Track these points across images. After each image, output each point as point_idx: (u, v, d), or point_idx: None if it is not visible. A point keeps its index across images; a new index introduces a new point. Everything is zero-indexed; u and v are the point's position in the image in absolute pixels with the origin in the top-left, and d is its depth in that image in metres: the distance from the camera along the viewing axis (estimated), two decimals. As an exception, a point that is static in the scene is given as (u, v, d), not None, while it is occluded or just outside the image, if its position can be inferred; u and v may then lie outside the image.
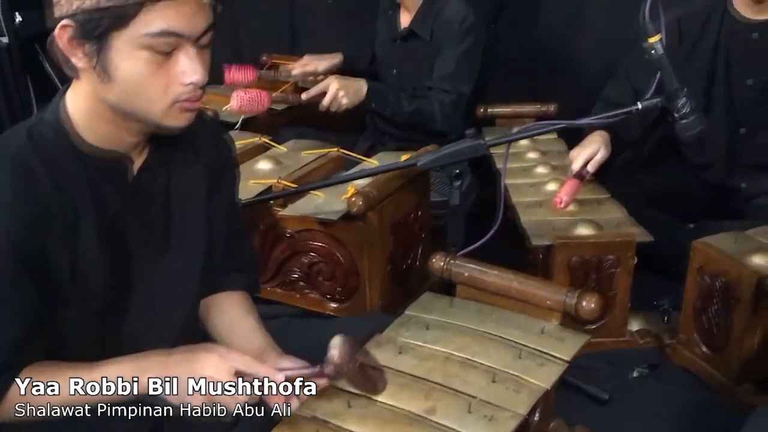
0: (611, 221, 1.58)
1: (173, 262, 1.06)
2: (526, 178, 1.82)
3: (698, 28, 1.78)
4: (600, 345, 1.52)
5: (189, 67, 0.90)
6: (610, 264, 1.49)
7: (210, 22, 0.91)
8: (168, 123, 0.93)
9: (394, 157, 1.74)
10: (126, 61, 0.88)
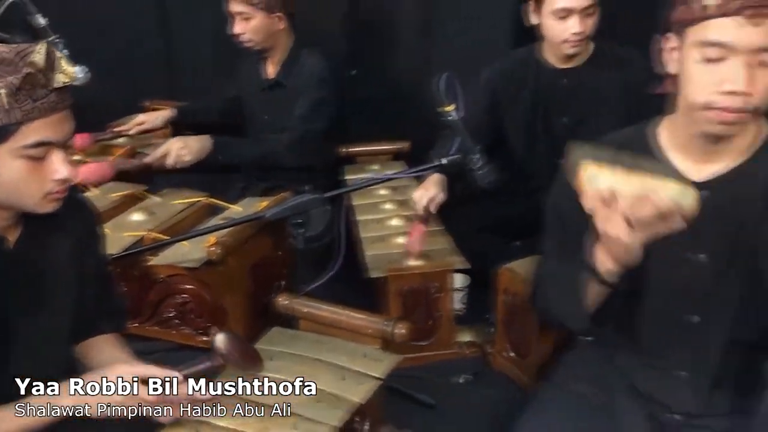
0: (439, 252, 1.87)
1: (48, 319, 1.27)
2: (375, 214, 2.10)
3: (518, 76, 2.11)
4: (432, 357, 1.81)
5: (60, 167, 1.12)
6: (435, 290, 1.78)
7: (74, 126, 1.13)
8: (40, 209, 1.15)
9: (257, 203, 1.98)
10: (5, 168, 1.09)
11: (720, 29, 1.13)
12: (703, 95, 1.17)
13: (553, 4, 1.93)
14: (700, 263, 1.29)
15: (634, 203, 1.07)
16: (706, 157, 1.26)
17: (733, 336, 1.31)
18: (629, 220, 1.08)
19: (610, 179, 1.08)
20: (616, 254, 1.14)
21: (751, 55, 1.12)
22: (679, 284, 1.31)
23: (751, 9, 1.10)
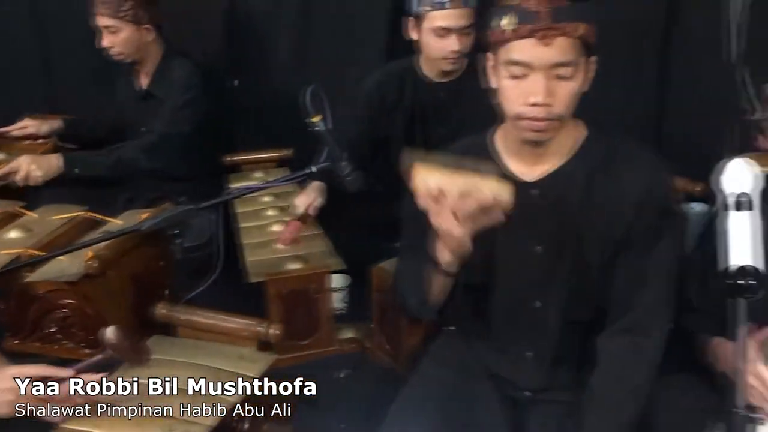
0: (316, 255, 1.97)
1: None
2: (257, 221, 2.17)
3: (397, 86, 2.23)
4: (314, 355, 1.91)
5: None
6: (313, 291, 1.87)
7: None
8: None
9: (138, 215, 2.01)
10: None
11: (519, 50, 1.29)
12: (515, 107, 1.32)
13: (432, 22, 2.05)
14: (537, 254, 1.44)
15: (459, 199, 1.21)
16: (533, 159, 1.41)
17: (570, 317, 1.47)
18: (456, 215, 1.21)
19: (438, 179, 1.21)
20: (450, 246, 1.27)
21: (548, 70, 1.28)
22: (521, 273, 1.46)
23: (541, 32, 1.26)
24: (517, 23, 1.27)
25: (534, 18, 1.26)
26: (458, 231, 1.23)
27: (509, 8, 1.29)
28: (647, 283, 1.40)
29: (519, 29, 1.27)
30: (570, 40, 1.27)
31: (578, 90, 1.33)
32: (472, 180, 1.21)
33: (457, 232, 1.23)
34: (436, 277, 1.35)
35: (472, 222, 1.23)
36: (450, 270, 1.32)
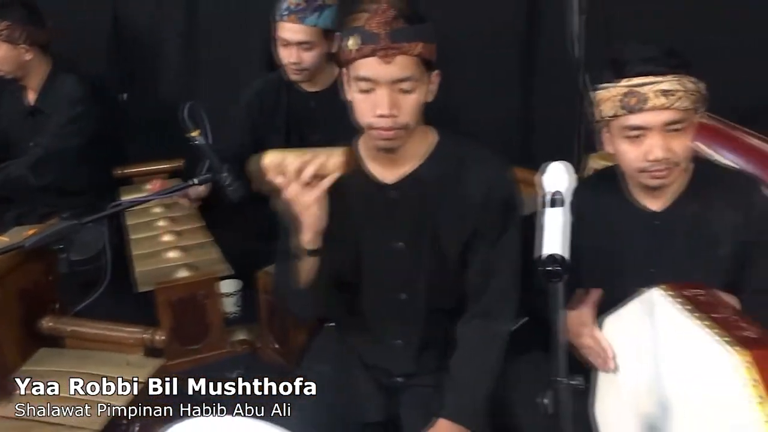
0: (205, 262, 2.05)
1: None
2: (147, 232, 2.23)
3: (274, 96, 2.34)
4: (207, 358, 1.99)
5: None
6: (202, 297, 1.96)
7: None
8: None
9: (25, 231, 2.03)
10: None
11: (364, 67, 1.43)
12: (365, 118, 1.47)
13: (278, 32, 2.20)
14: (399, 250, 1.59)
15: (299, 167, 1.39)
16: (390, 163, 1.56)
17: (433, 307, 1.62)
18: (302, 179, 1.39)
19: (283, 157, 1.41)
20: (305, 220, 1.41)
21: (391, 85, 1.43)
22: (387, 269, 1.61)
23: (382, 51, 1.40)
24: (360, 44, 1.41)
25: (375, 39, 1.40)
26: (306, 197, 1.39)
27: (354, 30, 1.43)
28: (496, 273, 1.56)
29: (362, 49, 1.41)
30: (409, 57, 1.42)
31: (422, 101, 1.47)
32: (308, 153, 1.42)
33: (304, 197, 1.39)
34: (303, 261, 1.48)
35: (314, 188, 1.39)
36: (312, 247, 1.45)
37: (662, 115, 1.44)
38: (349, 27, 1.44)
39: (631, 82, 1.44)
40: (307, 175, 1.39)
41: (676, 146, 1.46)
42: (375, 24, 1.40)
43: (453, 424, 1.50)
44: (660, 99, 1.42)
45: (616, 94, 1.47)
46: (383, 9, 1.42)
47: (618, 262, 1.58)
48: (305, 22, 2.14)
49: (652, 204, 1.58)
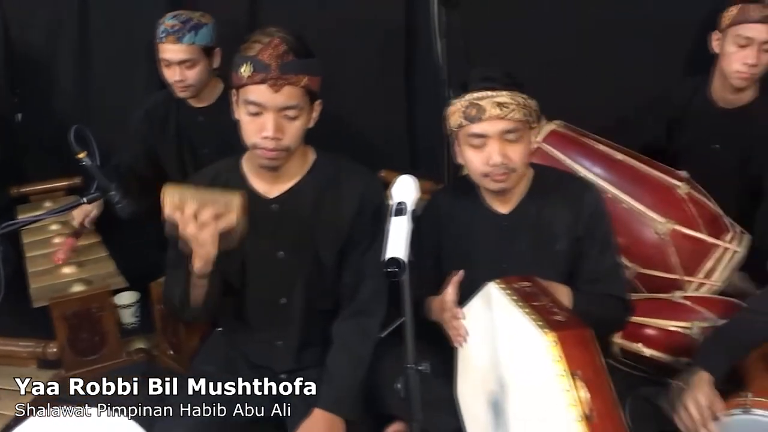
0: (101, 276, 2.15)
1: None
2: (44, 249, 2.30)
3: (163, 114, 2.44)
4: (104, 368, 2.08)
5: None
6: (97, 310, 2.05)
7: None
8: None
9: None
10: None
11: (255, 93, 1.58)
12: (251, 138, 1.62)
13: (160, 53, 2.30)
14: (279, 259, 1.74)
15: (199, 208, 1.49)
16: (272, 180, 1.71)
17: (312, 309, 1.78)
18: (199, 223, 1.50)
19: (181, 195, 1.51)
20: (198, 252, 1.54)
21: (278, 111, 1.58)
22: (268, 276, 1.76)
23: (271, 80, 1.56)
24: (252, 71, 1.56)
25: (267, 69, 1.55)
26: (201, 236, 1.50)
27: (248, 58, 1.57)
28: (368, 276, 1.74)
29: (254, 76, 1.56)
30: (296, 88, 1.58)
31: (304, 127, 1.64)
32: (209, 195, 1.53)
33: (200, 236, 1.50)
34: (193, 282, 1.61)
35: (210, 227, 1.50)
36: (202, 273, 1.58)
37: (499, 124, 1.64)
38: (244, 54, 1.59)
39: (472, 96, 1.65)
40: (205, 218, 1.50)
41: (512, 153, 1.66)
42: (267, 56, 1.55)
43: (328, 413, 1.66)
44: (496, 110, 1.63)
45: (460, 107, 1.66)
46: (276, 43, 1.57)
47: (475, 259, 1.78)
48: (183, 42, 2.26)
49: (501, 207, 1.79)
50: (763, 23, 2.13)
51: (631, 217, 2.14)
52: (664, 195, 2.14)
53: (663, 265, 2.12)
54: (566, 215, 1.76)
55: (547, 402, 1.34)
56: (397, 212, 1.44)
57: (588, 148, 2.26)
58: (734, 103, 2.24)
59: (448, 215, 1.85)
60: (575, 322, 1.39)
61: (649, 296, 2.11)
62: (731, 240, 2.12)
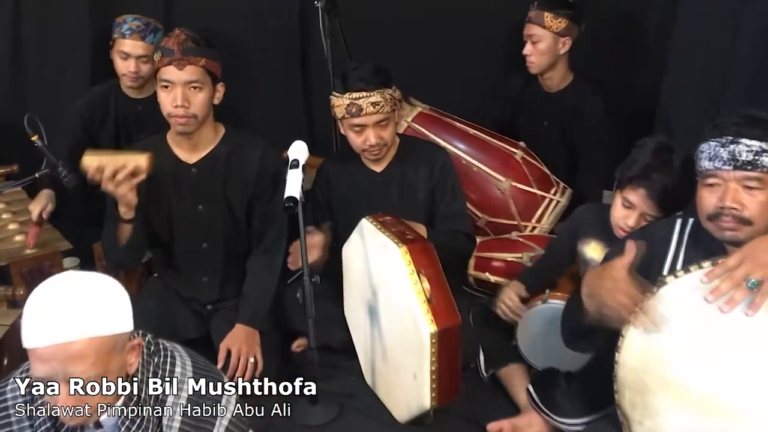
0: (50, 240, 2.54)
1: None
2: (-5, 223, 2.68)
3: (103, 106, 2.85)
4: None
5: None
6: (48, 267, 2.45)
7: None
8: None
9: None
10: None
11: (165, 73, 2.06)
12: (167, 109, 2.10)
13: (118, 47, 2.69)
14: (200, 212, 2.22)
15: (115, 170, 1.96)
16: (191, 149, 2.19)
17: (229, 250, 2.28)
18: (116, 180, 1.96)
19: (98, 160, 1.97)
20: (120, 201, 2.01)
21: (184, 85, 2.05)
22: (192, 226, 2.23)
23: (176, 61, 2.04)
24: (161, 56, 2.05)
25: (171, 53, 2.04)
26: (119, 189, 1.97)
27: (159, 48, 2.07)
28: (271, 221, 2.25)
29: (162, 60, 2.05)
30: (196, 67, 2.06)
31: (208, 100, 2.11)
32: (122, 156, 2.00)
33: (120, 191, 1.97)
34: (121, 227, 2.08)
35: (123, 183, 1.97)
36: (127, 218, 2.05)
37: (373, 117, 2.19)
38: (158, 47, 2.08)
39: (352, 96, 2.18)
40: (120, 177, 1.96)
41: (384, 134, 2.22)
42: (171, 43, 2.05)
43: (246, 327, 2.16)
44: (371, 108, 2.17)
45: (342, 103, 2.20)
46: (177, 33, 2.07)
47: (356, 207, 2.30)
48: (145, 40, 2.67)
49: (375, 167, 2.34)
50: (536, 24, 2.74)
51: (480, 177, 2.74)
52: (504, 160, 2.76)
53: (505, 213, 2.74)
54: (424, 172, 2.34)
55: (403, 295, 1.90)
56: (293, 166, 1.97)
57: (447, 126, 2.86)
58: (554, 89, 2.88)
59: (335, 176, 2.39)
60: (421, 239, 1.97)
61: (493, 238, 2.72)
62: (556, 193, 2.76)
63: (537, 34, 2.74)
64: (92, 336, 1.21)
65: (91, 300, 1.24)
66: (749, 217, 1.46)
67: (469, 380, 2.13)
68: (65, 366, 1.19)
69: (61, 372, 1.20)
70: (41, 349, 1.19)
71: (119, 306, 1.27)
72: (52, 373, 1.20)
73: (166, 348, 1.40)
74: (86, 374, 1.20)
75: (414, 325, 1.85)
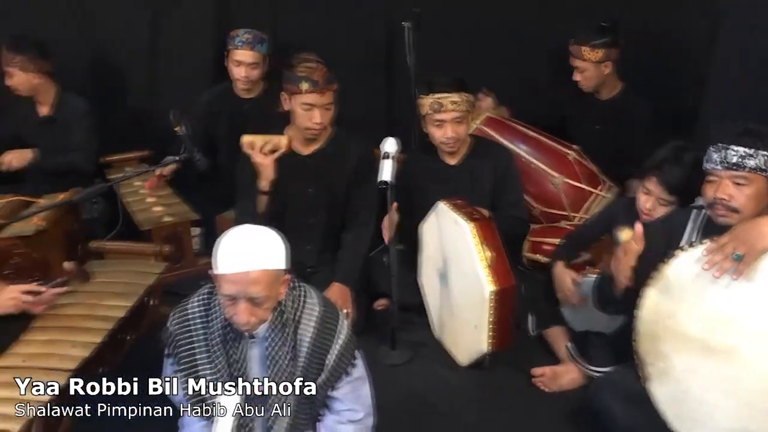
0: (180, 212, 3.16)
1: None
2: (136, 197, 3.30)
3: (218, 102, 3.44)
4: (184, 273, 3.09)
5: None
6: (180, 233, 3.05)
7: None
8: None
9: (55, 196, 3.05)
10: None
11: (309, 98, 2.63)
12: (305, 124, 2.68)
13: (233, 56, 3.27)
14: (311, 192, 2.78)
15: (263, 144, 2.54)
16: (307, 143, 2.75)
17: (329, 225, 2.83)
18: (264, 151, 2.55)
19: (253, 139, 2.57)
20: (262, 174, 2.59)
21: (322, 107, 2.62)
22: (302, 204, 2.79)
23: (320, 90, 2.60)
24: (308, 86, 2.60)
25: (316, 84, 2.60)
26: (264, 161, 2.55)
27: (304, 77, 2.60)
28: (363, 202, 2.78)
29: (309, 89, 2.60)
30: (331, 92, 2.64)
31: (335, 114, 2.68)
32: (266, 137, 2.58)
33: (264, 161, 2.55)
34: (259, 198, 2.64)
35: (268, 157, 2.56)
36: (265, 189, 2.62)
37: (452, 114, 2.70)
38: (300, 74, 2.62)
39: (436, 96, 2.69)
40: (266, 149, 2.56)
41: (459, 130, 2.73)
42: (317, 76, 2.61)
43: (340, 285, 2.70)
44: (450, 105, 2.68)
45: (427, 102, 2.71)
46: (320, 67, 2.63)
47: (433, 194, 2.80)
48: (254, 50, 3.27)
49: (450, 161, 2.85)
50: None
51: (537, 173, 3.21)
52: (558, 159, 3.22)
53: (558, 205, 3.20)
54: (490, 167, 2.83)
55: (469, 261, 2.40)
56: (385, 157, 2.50)
57: (510, 128, 3.33)
58: (605, 97, 3.32)
59: (416, 167, 2.91)
60: (486, 218, 2.48)
61: (546, 225, 3.19)
62: (602, 189, 3.20)
63: (579, 66, 3.20)
64: (265, 269, 1.71)
65: (265, 243, 1.75)
66: (737, 206, 1.91)
67: (519, 337, 2.61)
68: (246, 287, 1.69)
69: (243, 292, 1.69)
70: (230, 275, 1.70)
71: (281, 249, 1.78)
72: (237, 292, 1.70)
73: (301, 286, 1.91)
74: (259, 295, 1.70)
75: (478, 285, 2.35)
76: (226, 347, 1.82)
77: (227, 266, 1.70)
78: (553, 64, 3.53)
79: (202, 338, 1.83)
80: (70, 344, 2.22)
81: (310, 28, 3.62)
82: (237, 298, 1.71)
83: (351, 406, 1.90)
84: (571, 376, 2.45)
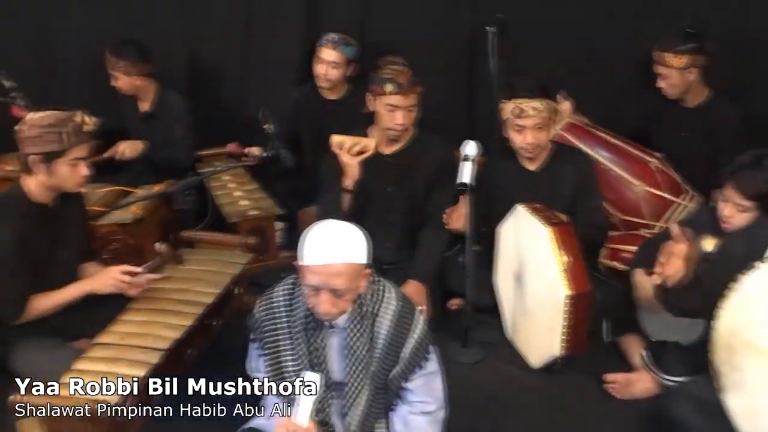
0: (265, 206, 3.30)
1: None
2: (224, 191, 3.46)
3: (304, 101, 3.59)
4: (268, 265, 3.23)
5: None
6: (265, 226, 3.20)
7: None
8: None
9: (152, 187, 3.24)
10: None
11: (393, 100, 2.74)
12: (388, 125, 2.78)
13: (319, 54, 3.41)
14: (392, 191, 2.87)
15: (352, 145, 2.66)
16: (390, 144, 2.85)
17: (407, 223, 2.91)
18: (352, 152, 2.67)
19: (342, 139, 2.69)
20: (349, 173, 2.72)
21: (405, 108, 2.72)
22: (383, 202, 2.88)
23: (404, 93, 2.70)
24: (393, 88, 2.71)
25: (401, 86, 2.70)
26: (351, 162, 2.67)
27: (390, 80, 2.71)
28: (440, 205, 2.84)
29: (394, 91, 2.71)
30: (415, 95, 2.74)
31: (418, 116, 2.79)
32: (356, 138, 2.70)
33: (351, 162, 2.67)
34: (344, 195, 2.76)
35: (356, 157, 2.68)
36: (350, 188, 2.74)
37: (533, 120, 2.73)
38: (386, 76, 2.73)
39: (518, 101, 2.73)
40: (354, 150, 2.69)
41: (540, 137, 2.76)
42: (402, 78, 2.72)
43: (417, 282, 2.78)
44: (531, 111, 2.71)
45: (509, 107, 2.75)
46: (405, 70, 2.74)
47: (512, 199, 2.84)
48: (337, 50, 3.40)
49: (530, 166, 2.88)
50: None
51: (618, 181, 3.19)
52: (640, 167, 3.19)
53: (638, 213, 3.16)
54: (569, 173, 2.84)
55: (546, 265, 2.43)
56: (465, 159, 2.56)
57: (591, 134, 3.31)
58: (691, 104, 3.26)
59: (497, 170, 2.95)
60: (564, 222, 2.49)
61: (624, 233, 3.17)
62: (684, 199, 3.15)
63: (663, 73, 3.16)
64: (348, 262, 1.80)
65: (349, 238, 1.84)
66: None
67: (592, 343, 2.62)
68: (329, 279, 1.79)
69: (325, 283, 1.79)
70: (314, 266, 1.80)
71: (363, 244, 1.86)
72: (320, 283, 1.80)
73: (381, 281, 1.99)
74: (341, 287, 1.79)
75: (553, 289, 2.38)
76: (307, 335, 1.92)
77: (312, 258, 1.80)
78: (639, 71, 3.49)
79: (285, 325, 1.94)
80: (163, 325, 2.37)
81: (397, 32, 3.71)
82: (320, 289, 1.80)
83: (423, 398, 1.97)
84: (645, 384, 2.44)
